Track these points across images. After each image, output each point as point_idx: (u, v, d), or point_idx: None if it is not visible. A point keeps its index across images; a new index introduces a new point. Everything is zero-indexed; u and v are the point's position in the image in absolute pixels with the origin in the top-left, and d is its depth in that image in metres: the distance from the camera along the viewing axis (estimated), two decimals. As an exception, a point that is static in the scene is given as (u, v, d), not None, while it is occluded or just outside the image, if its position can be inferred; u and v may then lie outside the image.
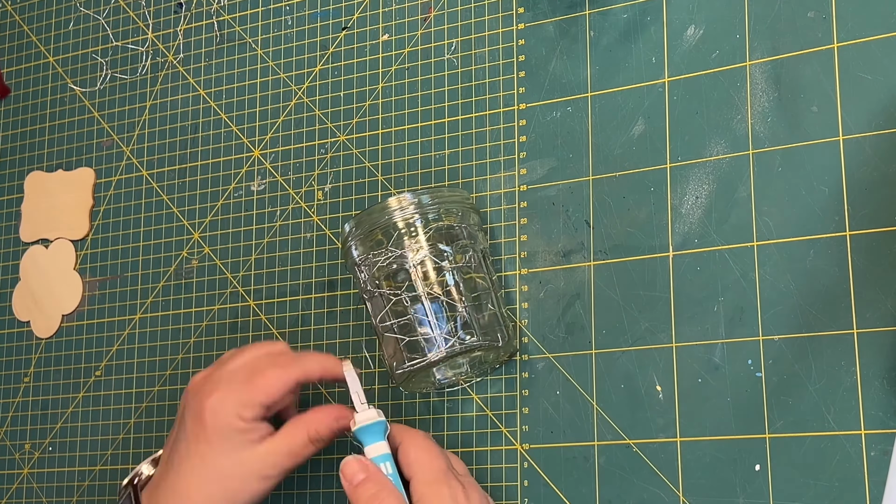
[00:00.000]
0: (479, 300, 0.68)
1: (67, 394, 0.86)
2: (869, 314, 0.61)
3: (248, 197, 0.82)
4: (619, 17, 0.72)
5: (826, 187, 0.64)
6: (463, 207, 0.69)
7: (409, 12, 0.79)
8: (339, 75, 0.81)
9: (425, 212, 0.68)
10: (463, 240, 0.69)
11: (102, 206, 0.88)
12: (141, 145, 0.88)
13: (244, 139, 0.84)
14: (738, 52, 0.68)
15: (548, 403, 0.69)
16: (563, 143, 0.72)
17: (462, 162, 0.75)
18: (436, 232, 0.68)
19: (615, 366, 0.68)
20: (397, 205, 0.68)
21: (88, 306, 0.87)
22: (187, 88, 0.87)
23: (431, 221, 0.68)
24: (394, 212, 0.67)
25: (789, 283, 0.64)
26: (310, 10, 0.83)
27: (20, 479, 0.87)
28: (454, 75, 0.77)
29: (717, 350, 0.65)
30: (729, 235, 0.66)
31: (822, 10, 0.66)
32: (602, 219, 0.70)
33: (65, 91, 0.93)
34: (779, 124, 0.66)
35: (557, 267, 0.71)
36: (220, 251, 0.83)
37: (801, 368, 0.63)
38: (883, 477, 0.59)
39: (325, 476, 0.76)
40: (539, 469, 0.69)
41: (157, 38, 0.89)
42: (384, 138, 0.78)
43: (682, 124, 0.69)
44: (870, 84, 0.64)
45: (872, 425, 0.60)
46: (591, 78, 0.72)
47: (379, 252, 0.67)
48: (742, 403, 0.64)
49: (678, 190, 0.68)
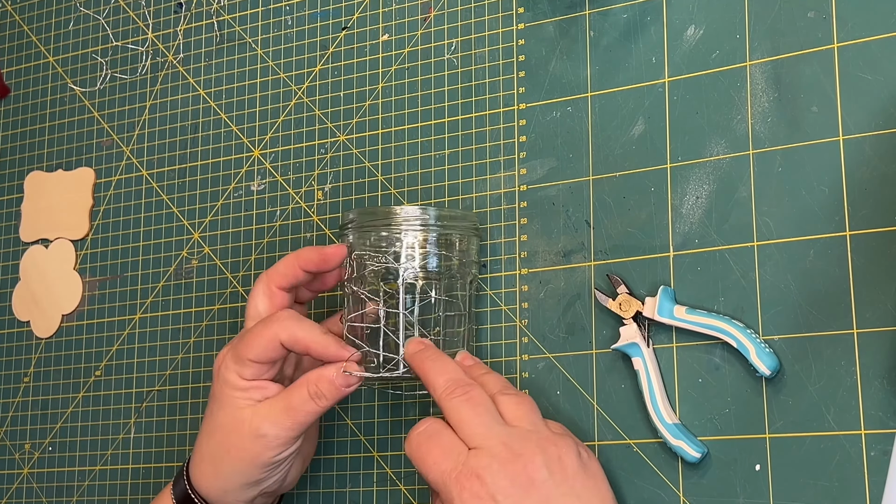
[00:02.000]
0: (452, 331, 0.68)
1: (67, 394, 0.86)
2: (869, 314, 0.61)
3: (248, 197, 0.82)
4: (619, 17, 0.72)
5: (826, 187, 0.64)
6: (467, 233, 0.69)
7: (409, 12, 0.79)
8: (339, 75, 0.81)
9: (427, 230, 0.67)
10: (455, 266, 0.69)
11: (102, 206, 0.88)
12: (141, 145, 0.88)
13: (244, 139, 0.84)
14: (738, 52, 0.68)
15: (548, 403, 0.69)
16: (563, 143, 0.72)
17: (462, 162, 0.75)
18: (431, 254, 0.68)
19: (615, 366, 0.68)
20: (402, 215, 0.67)
21: (88, 306, 0.87)
22: (187, 88, 0.87)
23: (430, 242, 0.68)
24: (399, 221, 0.67)
25: (789, 283, 0.64)
26: (310, 10, 0.83)
27: (20, 479, 0.87)
28: (454, 75, 0.77)
29: (717, 350, 0.65)
30: (729, 235, 0.66)
31: (822, 10, 0.66)
32: (602, 219, 0.70)
33: (65, 91, 0.92)
34: (779, 124, 0.66)
35: (558, 267, 0.71)
36: (220, 251, 0.83)
37: (801, 368, 0.63)
38: (883, 477, 0.59)
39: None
40: (539, 469, 0.69)
41: (157, 38, 0.89)
42: (384, 138, 0.78)
43: (682, 124, 0.69)
44: (870, 84, 0.64)
45: (872, 425, 0.60)
46: (591, 78, 0.72)
47: (372, 255, 0.67)
48: (742, 403, 0.64)
49: (678, 190, 0.68)
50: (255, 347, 0.66)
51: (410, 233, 0.67)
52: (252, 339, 0.66)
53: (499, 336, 0.72)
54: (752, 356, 0.63)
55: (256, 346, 0.66)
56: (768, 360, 0.62)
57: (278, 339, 0.65)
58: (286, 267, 0.68)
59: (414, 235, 0.67)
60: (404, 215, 0.67)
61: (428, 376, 0.63)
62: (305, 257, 0.68)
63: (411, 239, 0.67)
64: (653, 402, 0.65)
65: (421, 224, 0.67)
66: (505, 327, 0.72)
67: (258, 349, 0.66)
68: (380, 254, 0.67)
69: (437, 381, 0.63)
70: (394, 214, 0.68)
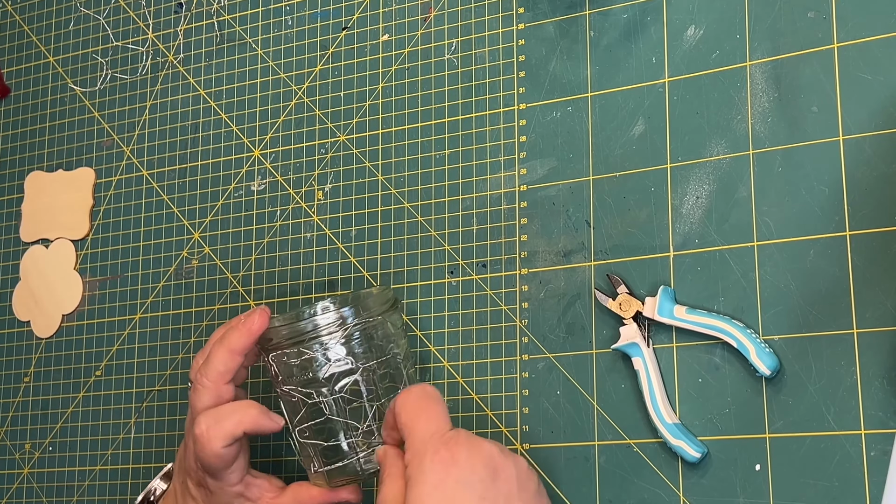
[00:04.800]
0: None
1: (67, 394, 0.86)
2: (869, 314, 0.61)
3: (249, 197, 0.82)
4: (619, 17, 0.72)
5: (826, 187, 0.64)
6: (383, 309, 0.69)
7: (409, 12, 0.79)
8: (339, 75, 0.81)
9: (344, 317, 0.67)
10: (378, 341, 0.68)
11: (102, 206, 0.88)
12: (141, 145, 0.88)
13: (244, 139, 0.84)
14: (739, 52, 0.68)
15: (548, 403, 0.69)
16: (563, 143, 0.72)
17: (462, 162, 0.75)
18: (351, 336, 0.67)
19: (615, 366, 0.68)
20: (320, 312, 0.67)
21: (88, 306, 0.87)
22: (187, 88, 0.87)
23: (349, 325, 0.67)
24: (315, 319, 0.66)
25: (789, 283, 0.64)
26: (310, 10, 0.83)
27: (20, 479, 0.87)
28: (454, 75, 0.77)
29: (717, 350, 0.65)
30: (729, 235, 0.66)
31: (822, 10, 0.66)
32: (602, 219, 0.70)
33: (65, 91, 0.93)
34: (779, 124, 0.66)
35: (558, 267, 0.71)
36: (220, 251, 0.83)
37: (801, 368, 0.63)
38: (883, 477, 0.59)
39: None
40: (539, 469, 0.69)
41: (157, 38, 0.89)
42: (384, 138, 0.78)
43: (682, 124, 0.69)
44: (870, 84, 0.64)
45: (872, 425, 0.60)
46: (592, 78, 0.72)
47: (294, 352, 0.67)
48: (742, 403, 0.64)
49: (678, 190, 0.68)
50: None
51: (325, 338, 0.66)
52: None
53: (499, 336, 0.72)
54: (752, 356, 0.63)
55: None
56: (768, 360, 0.62)
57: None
58: (222, 362, 0.68)
59: (328, 329, 0.66)
60: (314, 324, 0.66)
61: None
62: (237, 343, 0.68)
63: (326, 342, 0.66)
64: (653, 402, 0.65)
65: (336, 318, 0.66)
66: (505, 327, 0.72)
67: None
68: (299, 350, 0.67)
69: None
70: (303, 321, 0.67)
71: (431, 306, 0.74)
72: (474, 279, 0.73)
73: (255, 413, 0.67)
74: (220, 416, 0.66)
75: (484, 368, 0.72)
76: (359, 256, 0.77)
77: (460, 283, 0.74)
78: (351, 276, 0.77)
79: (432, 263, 0.75)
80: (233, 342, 0.67)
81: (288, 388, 0.67)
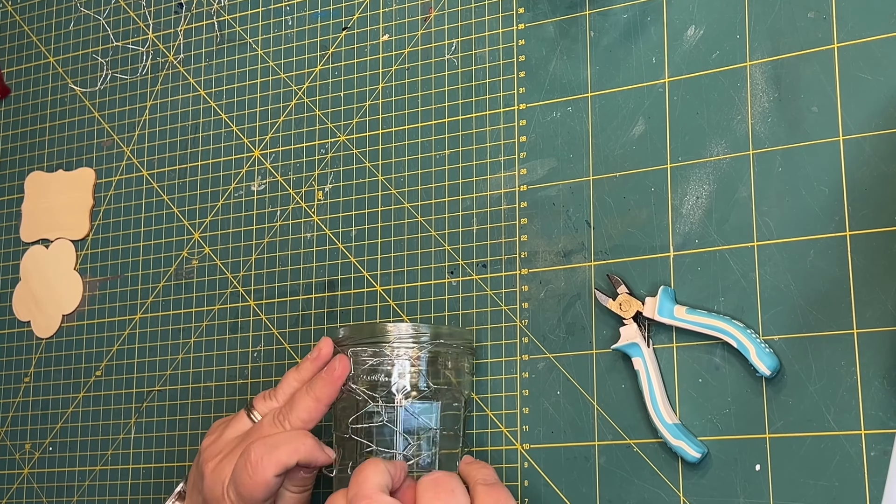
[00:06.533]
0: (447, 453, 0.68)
1: (67, 394, 0.86)
2: (869, 314, 0.61)
3: (249, 197, 0.82)
4: (619, 17, 0.72)
5: (826, 187, 0.64)
6: (458, 351, 0.69)
7: (409, 12, 0.79)
8: (339, 75, 0.81)
9: (421, 345, 0.67)
10: (447, 372, 0.68)
11: (102, 206, 0.88)
12: (141, 145, 0.88)
13: (244, 139, 0.84)
14: (739, 53, 0.68)
15: (548, 403, 0.69)
16: (563, 143, 0.72)
17: (462, 162, 0.75)
18: (426, 356, 0.67)
19: (615, 366, 0.68)
20: (395, 332, 0.67)
21: (88, 306, 0.87)
22: (187, 88, 0.87)
23: (426, 344, 0.67)
24: (390, 336, 0.67)
25: (789, 283, 0.64)
26: (310, 10, 0.83)
27: (20, 479, 0.87)
28: (454, 75, 0.77)
29: (717, 350, 0.65)
30: (729, 235, 0.66)
31: (822, 11, 0.66)
32: (602, 219, 0.70)
33: (65, 91, 0.93)
34: (779, 124, 0.66)
35: (558, 267, 0.71)
36: (220, 251, 0.83)
37: (801, 368, 0.63)
38: (883, 477, 0.60)
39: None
40: (539, 469, 0.69)
41: (157, 38, 0.89)
42: (384, 138, 0.78)
43: (682, 124, 0.69)
44: (870, 84, 0.64)
45: (872, 425, 0.60)
46: (592, 78, 0.72)
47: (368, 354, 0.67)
48: (742, 403, 0.64)
49: (679, 190, 0.68)
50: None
51: (404, 349, 0.67)
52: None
53: (499, 336, 0.72)
54: (752, 356, 0.63)
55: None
56: (768, 360, 0.62)
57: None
58: (307, 411, 0.68)
59: (407, 353, 0.67)
60: (397, 333, 0.67)
61: None
62: (324, 394, 0.68)
63: (404, 356, 0.67)
64: (653, 402, 0.65)
65: (413, 341, 0.67)
66: (505, 327, 0.72)
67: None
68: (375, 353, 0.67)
69: None
70: (385, 332, 0.67)
71: (431, 306, 0.74)
72: (474, 279, 0.73)
73: (311, 443, 0.66)
74: (276, 445, 0.65)
75: (484, 368, 0.72)
76: (359, 256, 0.77)
77: (460, 283, 0.74)
78: (351, 276, 0.77)
79: (432, 263, 0.75)
80: (319, 392, 0.68)
81: (354, 385, 0.67)
